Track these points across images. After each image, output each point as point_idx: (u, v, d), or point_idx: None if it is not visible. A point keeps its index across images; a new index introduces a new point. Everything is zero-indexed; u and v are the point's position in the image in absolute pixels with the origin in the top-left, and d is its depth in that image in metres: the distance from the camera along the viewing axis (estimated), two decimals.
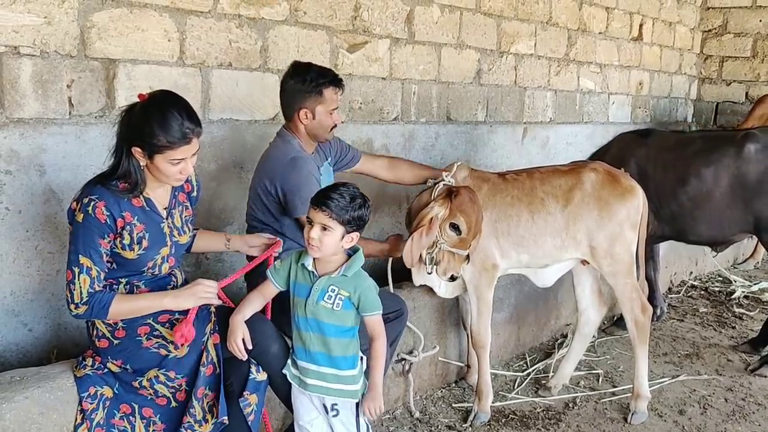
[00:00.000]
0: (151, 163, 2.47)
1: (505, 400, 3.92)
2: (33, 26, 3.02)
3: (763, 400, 4.08)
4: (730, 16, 8.50)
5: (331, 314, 2.56)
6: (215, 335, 2.62)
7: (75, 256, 2.42)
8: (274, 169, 3.15)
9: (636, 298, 3.73)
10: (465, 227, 3.26)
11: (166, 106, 2.45)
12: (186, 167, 2.51)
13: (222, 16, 3.71)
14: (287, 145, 3.22)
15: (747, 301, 5.91)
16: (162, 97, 2.51)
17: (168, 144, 2.42)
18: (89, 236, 2.41)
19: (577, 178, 3.65)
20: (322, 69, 3.23)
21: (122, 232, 2.47)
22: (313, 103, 3.15)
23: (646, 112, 7.96)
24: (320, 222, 2.47)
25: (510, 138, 6.00)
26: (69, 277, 2.42)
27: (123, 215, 2.46)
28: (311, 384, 2.61)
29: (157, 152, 2.44)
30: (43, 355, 3.20)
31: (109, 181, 2.47)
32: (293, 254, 2.68)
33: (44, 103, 3.11)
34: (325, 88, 3.15)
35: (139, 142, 2.44)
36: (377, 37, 4.60)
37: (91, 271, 2.42)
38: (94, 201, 2.42)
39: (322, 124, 3.21)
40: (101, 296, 2.44)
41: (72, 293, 2.42)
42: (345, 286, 2.55)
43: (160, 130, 2.41)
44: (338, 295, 2.55)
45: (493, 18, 5.53)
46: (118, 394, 2.53)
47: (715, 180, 4.44)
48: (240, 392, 2.63)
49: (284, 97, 3.24)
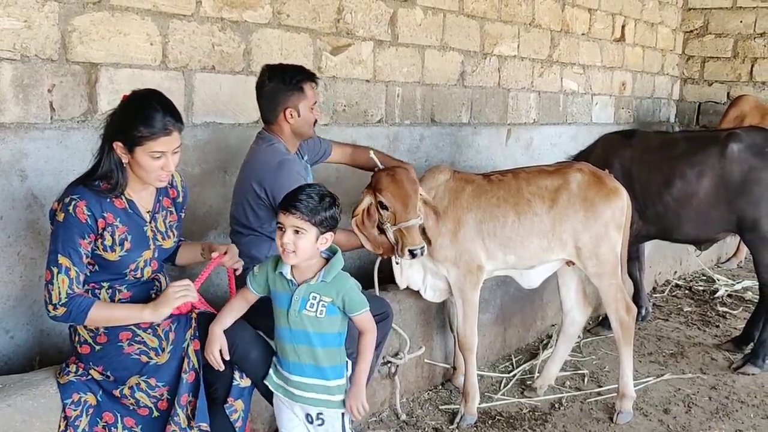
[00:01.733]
0: (133, 158, 2.46)
1: (491, 402, 3.93)
2: (13, 30, 2.99)
3: (747, 398, 4.11)
4: (711, 17, 8.59)
5: (316, 323, 2.51)
6: (195, 341, 2.59)
7: (54, 256, 2.39)
8: (263, 173, 3.13)
9: (621, 298, 3.75)
10: (387, 200, 3.21)
11: (147, 100, 2.47)
12: (167, 163, 2.50)
13: (204, 20, 3.69)
14: (272, 147, 3.20)
15: (730, 300, 5.96)
16: (143, 93, 2.53)
17: (148, 135, 2.42)
18: (69, 236, 2.39)
19: (563, 179, 3.66)
20: (296, 66, 3.28)
21: (103, 233, 2.45)
22: (296, 101, 3.17)
23: (630, 112, 8.02)
24: (292, 225, 2.42)
25: (494, 139, 6.02)
26: (48, 278, 2.40)
27: (104, 216, 2.45)
28: (298, 395, 2.57)
29: (138, 144, 2.43)
30: (26, 363, 3.16)
31: (91, 182, 2.46)
32: (270, 261, 2.61)
33: (25, 107, 3.08)
34: (304, 84, 3.18)
35: (121, 135, 2.44)
36: (361, 40, 4.60)
37: (69, 272, 2.39)
38: (75, 200, 2.41)
39: (307, 120, 3.23)
40: (81, 300, 2.41)
41: (50, 294, 2.39)
42: (326, 291, 2.50)
43: (140, 122, 2.41)
44: (320, 302, 2.50)
45: (476, 20, 5.55)
46: (101, 402, 2.51)
47: (700, 180, 4.47)
48: (224, 398, 2.61)
49: (265, 101, 3.22)
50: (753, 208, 4.36)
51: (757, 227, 4.37)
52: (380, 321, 3.33)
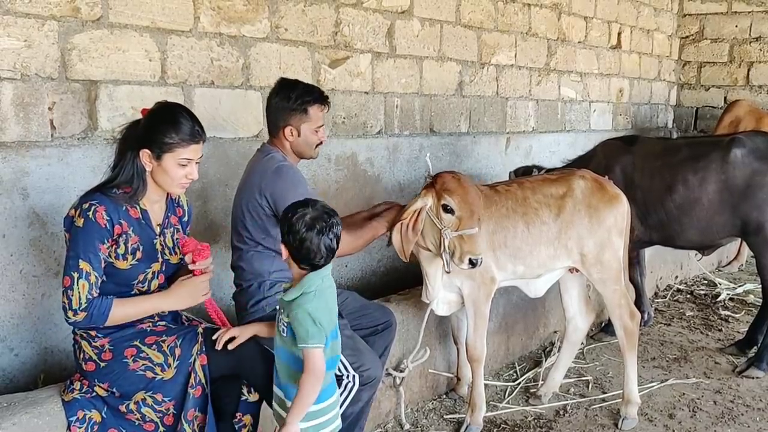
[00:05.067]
0: (159, 165, 2.51)
1: (496, 410, 3.92)
2: (13, 50, 3.02)
3: (752, 402, 4.11)
4: (707, 22, 8.63)
5: (286, 341, 2.40)
6: (202, 356, 2.59)
7: (74, 261, 2.40)
8: (260, 181, 3.07)
9: (624, 304, 3.75)
10: (455, 204, 3.16)
11: (176, 109, 2.57)
12: (192, 171, 2.57)
13: (203, 35, 3.72)
14: (269, 156, 3.15)
15: (732, 304, 5.96)
16: (170, 104, 2.62)
17: (179, 142, 2.49)
18: (90, 240, 2.41)
19: (568, 186, 3.67)
20: (308, 86, 3.20)
21: (118, 240, 2.47)
22: (298, 121, 3.12)
23: (627, 118, 8.04)
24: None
25: (493, 148, 6.04)
26: (67, 283, 2.40)
27: (121, 222, 2.48)
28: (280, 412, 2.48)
29: (168, 151, 2.49)
30: (30, 380, 3.16)
31: (108, 189, 2.49)
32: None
33: (26, 126, 3.10)
34: (309, 106, 3.12)
35: (150, 143, 2.49)
36: (359, 52, 4.63)
37: (90, 276, 2.40)
38: (94, 205, 2.43)
39: (308, 141, 3.17)
40: (100, 302, 2.43)
41: (70, 299, 2.40)
42: (286, 311, 2.39)
43: (172, 129, 2.49)
44: (282, 321, 2.40)
45: (473, 30, 5.58)
46: (106, 419, 2.51)
47: (703, 186, 4.48)
48: (233, 413, 2.61)
49: (269, 114, 3.20)
50: (757, 212, 4.37)
51: (762, 231, 4.38)
52: (384, 329, 3.34)
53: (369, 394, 3.03)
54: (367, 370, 2.96)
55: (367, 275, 4.85)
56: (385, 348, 3.37)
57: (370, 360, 3.01)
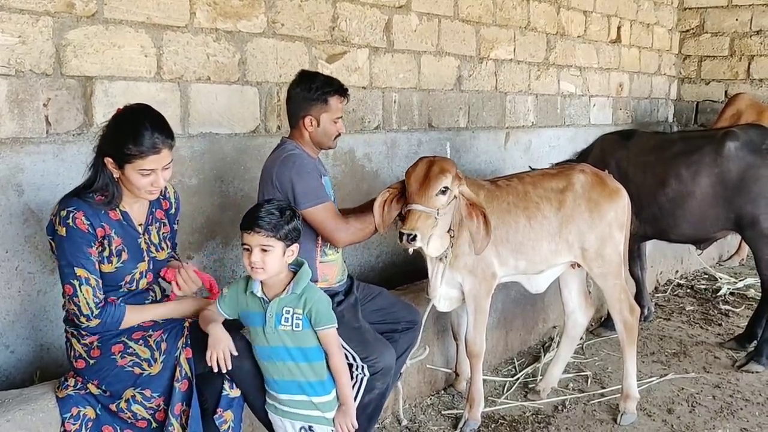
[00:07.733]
0: (123, 174, 2.48)
1: (494, 405, 3.91)
2: (7, 46, 3.00)
3: (751, 396, 4.10)
4: (707, 15, 8.59)
5: (294, 337, 2.51)
6: (187, 349, 2.58)
7: (70, 270, 2.41)
8: (272, 171, 3.08)
9: (624, 299, 3.74)
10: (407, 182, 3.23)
11: (137, 116, 2.48)
12: (157, 179, 2.51)
13: (199, 31, 3.70)
14: (280, 148, 3.18)
15: (733, 298, 5.94)
16: (134, 109, 2.54)
17: (137, 153, 2.43)
18: (77, 247, 2.41)
19: (568, 180, 3.65)
20: (329, 78, 3.26)
21: (103, 242, 2.47)
22: (318, 111, 3.15)
23: (628, 113, 8.01)
24: (258, 244, 2.43)
25: (492, 143, 6.02)
26: (70, 292, 2.42)
27: (102, 225, 2.47)
28: (287, 411, 2.59)
29: (127, 162, 2.45)
30: (26, 377, 3.16)
31: (85, 194, 2.48)
32: (239, 282, 2.61)
33: (21, 122, 3.09)
34: (330, 97, 3.17)
35: (111, 152, 2.45)
36: (356, 47, 4.61)
37: (90, 281, 2.42)
38: (72, 212, 2.42)
39: (327, 131, 3.21)
40: (113, 311, 2.47)
41: (78, 306, 2.42)
42: (298, 303, 2.51)
43: (129, 140, 2.42)
44: (294, 315, 2.50)
45: (471, 24, 5.56)
46: (101, 416, 2.51)
47: (697, 179, 4.46)
48: (213, 409, 2.60)
49: (290, 105, 3.23)
50: (751, 205, 4.35)
51: (757, 224, 4.36)
52: (409, 328, 3.35)
53: (383, 383, 3.08)
54: (375, 360, 3.01)
55: (366, 271, 4.84)
56: (407, 347, 3.38)
57: (379, 350, 3.06)
